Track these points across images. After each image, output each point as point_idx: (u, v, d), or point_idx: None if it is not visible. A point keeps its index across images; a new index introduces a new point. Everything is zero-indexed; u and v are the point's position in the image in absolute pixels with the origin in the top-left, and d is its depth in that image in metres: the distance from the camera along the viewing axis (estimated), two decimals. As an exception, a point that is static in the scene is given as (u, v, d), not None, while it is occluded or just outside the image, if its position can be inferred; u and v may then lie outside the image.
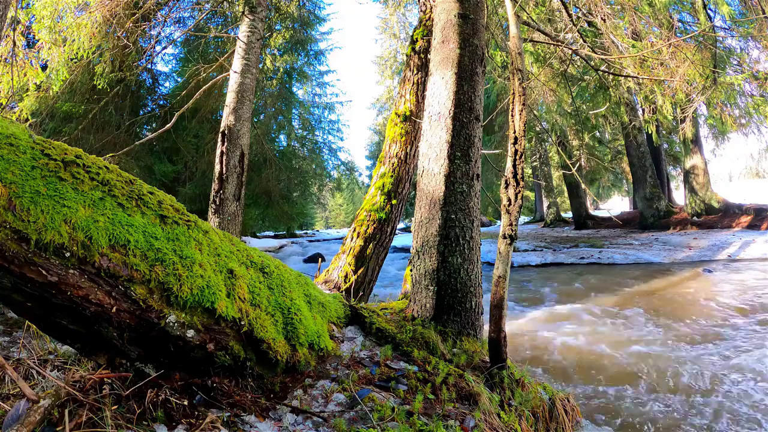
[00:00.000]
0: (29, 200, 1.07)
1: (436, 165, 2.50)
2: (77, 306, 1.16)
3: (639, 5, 4.74)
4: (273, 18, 11.53)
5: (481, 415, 1.61)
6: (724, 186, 25.04)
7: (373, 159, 32.12)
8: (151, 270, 1.26)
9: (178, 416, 1.29)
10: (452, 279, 2.38)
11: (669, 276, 7.01)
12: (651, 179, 13.76)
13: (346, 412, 1.48)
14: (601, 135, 15.82)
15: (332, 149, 19.49)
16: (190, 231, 1.45)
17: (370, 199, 3.81)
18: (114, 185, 1.28)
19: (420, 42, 3.98)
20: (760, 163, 34.18)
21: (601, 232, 14.86)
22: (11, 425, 1.05)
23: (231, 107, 4.78)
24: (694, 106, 5.63)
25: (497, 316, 2.00)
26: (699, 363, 3.24)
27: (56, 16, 4.75)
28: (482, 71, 2.65)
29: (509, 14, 2.33)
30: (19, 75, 4.95)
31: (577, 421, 2.28)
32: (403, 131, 3.85)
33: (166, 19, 5.93)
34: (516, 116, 2.04)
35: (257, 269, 1.69)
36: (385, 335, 2.10)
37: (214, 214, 4.54)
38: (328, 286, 3.55)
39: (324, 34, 18.00)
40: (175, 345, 1.35)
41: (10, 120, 1.25)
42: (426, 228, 2.49)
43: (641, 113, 10.96)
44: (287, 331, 1.64)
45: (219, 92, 11.42)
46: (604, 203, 30.24)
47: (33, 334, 1.98)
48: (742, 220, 11.64)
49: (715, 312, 4.66)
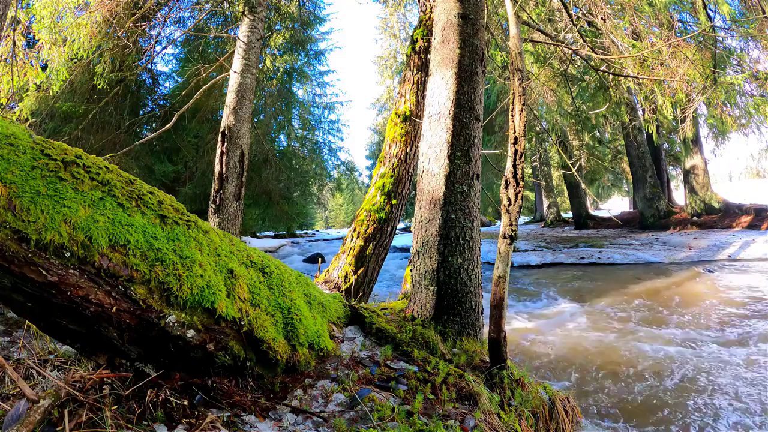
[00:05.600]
0: (29, 200, 1.07)
1: (436, 165, 2.50)
2: (77, 306, 1.16)
3: (639, 5, 4.74)
4: (273, 18, 11.54)
5: (481, 415, 1.61)
6: (724, 186, 25.06)
7: (373, 159, 32.10)
8: (151, 270, 1.26)
9: (178, 416, 1.29)
10: (452, 279, 2.38)
11: (669, 276, 7.01)
12: (651, 179, 13.76)
13: (346, 412, 1.48)
14: (601, 135, 15.80)
15: (332, 149, 19.48)
16: (190, 231, 1.45)
17: (370, 199, 3.81)
18: (114, 185, 1.28)
19: (420, 42, 3.98)
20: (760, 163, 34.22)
21: (601, 232, 14.86)
22: (11, 425, 1.05)
23: (231, 107, 4.78)
24: (694, 106, 5.63)
25: (497, 316, 2.00)
26: (700, 362, 3.24)
27: (56, 16, 4.75)
28: (482, 71, 2.65)
29: (509, 14, 2.33)
30: (19, 75, 4.95)
31: (577, 421, 2.28)
32: (403, 131, 3.85)
33: (166, 19, 5.93)
34: (516, 116, 2.04)
35: (257, 269, 1.69)
36: (385, 335, 2.10)
37: (214, 214, 4.54)
38: (328, 286, 3.55)
39: (324, 34, 17.98)
40: (175, 345, 1.35)
41: (10, 120, 1.25)
42: (426, 228, 2.49)
43: (641, 113, 10.97)
44: (287, 331, 1.64)
45: (219, 92, 11.41)
46: (604, 203, 30.23)
47: (33, 334, 1.98)
48: (742, 220, 11.63)
49: (716, 312, 4.66)
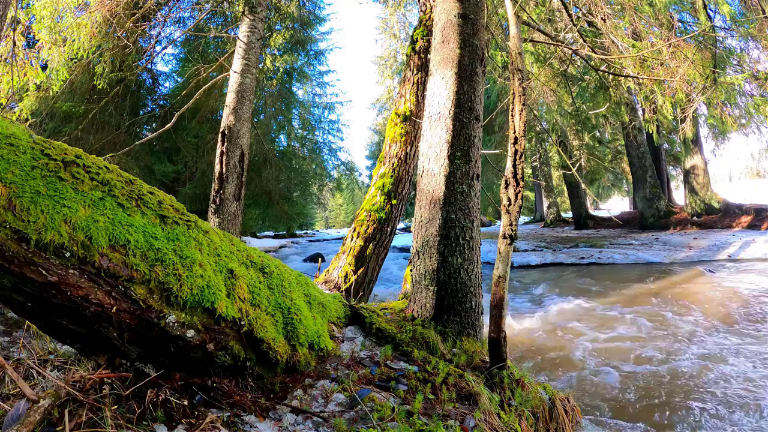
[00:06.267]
0: (29, 200, 1.07)
1: (436, 165, 2.50)
2: (77, 306, 1.16)
3: (639, 5, 4.74)
4: (273, 18, 11.55)
5: (481, 415, 1.61)
6: (724, 186, 25.05)
7: (373, 159, 32.10)
8: (151, 270, 1.26)
9: (178, 416, 1.29)
10: (452, 279, 2.38)
11: (669, 276, 7.01)
12: (651, 179, 13.76)
13: (346, 412, 1.48)
14: (601, 135, 15.80)
15: (332, 149, 19.49)
16: (190, 231, 1.45)
17: (370, 199, 3.81)
18: (114, 185, 1.28)
19: (420, 42, 3.98)
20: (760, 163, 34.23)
21: (601, 232, 14.86)
22: (11, 425, 1.05)
23: (231, 107, 4.78)
24: (694, 106, 5.62)
25: (497, 316, 2.00)
26: (700, 362, 3.24)
27: (56, 16, 4.75)
28: (482, 71, 2.65)
29: (509, 14, 2.33)
30: (19, 75, 4.95)
31: (577, 420, 2.28)
32: (403, 131, 3.85)
33: (166, 19, 5.93)
34: (516, 116, 2.04)
35: (257, 269, 1.69)
36: (385, 335, 2.10)
37: (214, 214, 4.54)
38: (328, 286, 3.55)
39: (324, 34, 17.99)
40: (175, 345, 1.35)
41: (10, 120, 1.25)
42: (426, 228, 2.49)
43: (641, 113, 10.96)
44: (287, 331, 1.64)
45: (219, 92, 11.41)
46: (604, 203, 30.23)
47: (33, 334, 1.98)
48: (743, 220, 11.63)
49: (717, 312, 4.66)
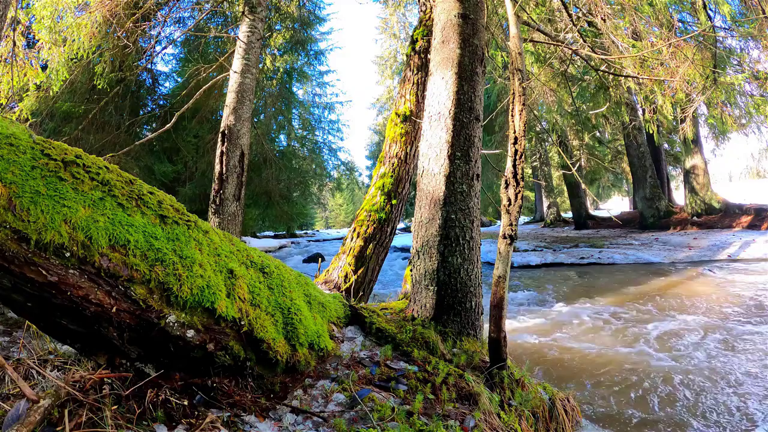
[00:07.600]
0: (29, 200, 1.07)
1: (436, 165, 2.50)
2: (77, 306, 1.16)
3: (639, 5, 4.73)
4: (273, 18, 11.55)
5: (481, 415, 1.61)
6: (724, 186, 25.04)
7: (373, 159, 32.12)
8: (151, 270, 1.26)
9: (178, 416, 1.29)
10: (452, 279, 2.38)
11: (669, 276, 7.01)
12: (651, 179, 13.76)
13: (346, 412, 1.48)
14: (601, 135, 15.81)
15: (332, 149, 19.51)
16: (190, 231, 1.45)
17: (370, 199, 3.81)
18: (114, 185, 1.28)
19: (420, 42, 3.98)
20: (760, 163, 34.18)
21: (601, 232, 14.86)
22: (11, 425, 1.05)
23: (231, 107, 4.78)
24: (694, 106, 5.62)
25: (497, 316, 2.00)
26: (701, 362, 3.23)
27: (56, 16, 4.75)
28: (482, 71, 2.65)
29: (509, 14, 2.33)
30: (19, 75, 4.96)
31: (577, 421, 2.28)
32: (403, 131, 3.85)
33: (166, 19, 5.92)
34: (516, 116, 2.04)
35: (257, 269, 1.69)
36: (385, 335, 2.10)
37: (214, 214, 4.54)
38: (328, 286, 3.55)
39: (324, 34, 18.01)
40: (175, 345, 1.35)
41: (10, 120, 1.25)
42: (426, 228, 2.49)
43: (641, 113, 10.96)
44: (287, 331, 1.64)
45: (219, 92, 11.41)
46: (604, 203, 30.24)
47: (33, 334, 1.98)
48: (743, 220, 11.63)
49: (717, 311, 4.66)
